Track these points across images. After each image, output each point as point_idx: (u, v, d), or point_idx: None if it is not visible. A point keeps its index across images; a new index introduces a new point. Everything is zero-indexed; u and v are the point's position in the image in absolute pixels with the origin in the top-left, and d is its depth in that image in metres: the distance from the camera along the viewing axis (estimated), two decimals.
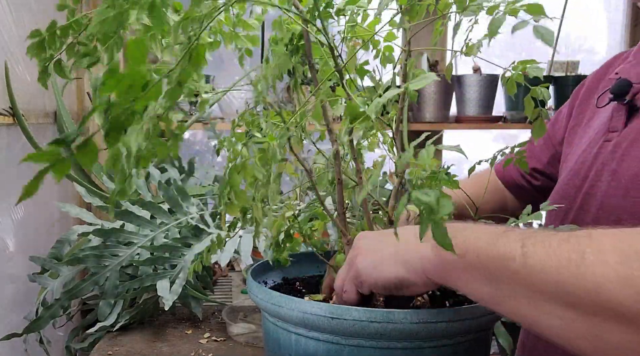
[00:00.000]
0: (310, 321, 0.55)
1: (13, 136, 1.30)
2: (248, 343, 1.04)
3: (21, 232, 1.33)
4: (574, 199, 0.70)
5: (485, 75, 1.97)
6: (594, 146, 0.70)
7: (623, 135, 0.65)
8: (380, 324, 0.52)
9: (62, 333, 1.30)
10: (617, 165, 0.64)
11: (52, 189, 1.52)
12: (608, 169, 0.65)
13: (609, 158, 0.66)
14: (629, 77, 0.69)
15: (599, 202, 0.65)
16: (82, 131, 0.31)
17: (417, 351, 0.54)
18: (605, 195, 0.65)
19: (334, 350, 0.55)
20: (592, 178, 0.68)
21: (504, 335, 1.14)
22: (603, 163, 0.67)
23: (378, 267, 0.54)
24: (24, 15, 1.35)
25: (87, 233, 1.18)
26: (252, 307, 1.14)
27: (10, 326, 1.11)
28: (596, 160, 0.68)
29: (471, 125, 2.01)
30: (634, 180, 0.61)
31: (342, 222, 0.64)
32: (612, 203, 0.63)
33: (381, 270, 0.54)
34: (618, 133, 0.67)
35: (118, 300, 1.08)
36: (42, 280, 1.11)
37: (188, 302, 1.12)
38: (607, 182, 0.65)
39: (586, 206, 0.67)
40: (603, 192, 0.65)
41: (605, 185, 0.65)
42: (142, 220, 1.12)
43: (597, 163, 0.68)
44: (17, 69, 1.30)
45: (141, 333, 1.09)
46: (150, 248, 1.08)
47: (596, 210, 0.65)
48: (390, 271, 0.53)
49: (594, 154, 0.69)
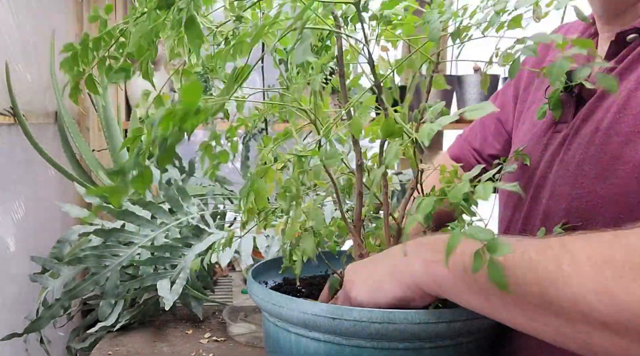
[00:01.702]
0: (311, 322, 0.55)
1: (14, 136, 1.30)
2: (248, 343, 1.04)
3: (22, 231, 1.33)
4: (524, 189, 0.71)
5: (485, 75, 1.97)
6: (542, 136, 0.71)
7: (572, 125, 0.66)
8: (381, 325, 0.52)
9: (62, 333, 1.30)
10: (564, 155, 0.65)
11: (53, 189, 1.52)
12: (557, 160, 0.66)
13: (557, 149, 0.67)
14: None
15: (550, 191, 0.66)
16: (84, 133, 0.31)
17: (417, 352, 0.54)
18: (554, 184, 0.66)
19: (335, 350, 0.55)
20: (543, 171, 0.68)
21: None
22: (552, 154, 0.68)
23: (375, 293, 0.55)
24: (25, 16, 1.35)
25: (87, 233, 1.18)
26: (252, 307, 1.14)
27: (10, 326, 1.11)
28: (546, 151, 0.69)
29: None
30: (579, 166, 0.62)
31: (358, 233, 0.64)
32: (561, 192, 0.64)
33: (378, 295, 0.54)
34: (567, 124, 0.67)
35: (118, 300, 1.09)
36: (42, 280, 1.11)
37: (188, 302, 1.12)
38: (555, 171, 0.66)
39: (538, 197, 0.68)
40: (552, 181, 0.66)
41: (554, 174, 0.66)
42: (143, 220, 1.12)
43: (547, 155, 0.69)
44: (18, 69, 1.30)
45: (142, 333, 1.09)
46: (151, 248, 1.08)
47: (547, 198, 0.66)
48: (387, 294, 0.54)
49: (543, 145, 0.70)
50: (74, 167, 1.53)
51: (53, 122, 1.53)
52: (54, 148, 1.49)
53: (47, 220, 1.49)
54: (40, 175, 1.45)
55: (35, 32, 1.41)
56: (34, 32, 1.39)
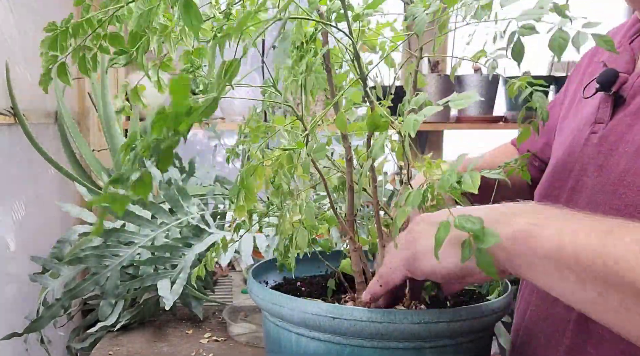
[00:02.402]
0: (311, 321, 0.55)
1: (14, 136, 1.30)
2: (249, 343, 1.04)
3: (22, 231, 1.33)
4: (559, 194, 0.69)
5: (486, 76, 1.97)
6: (580, 138, 0.68)
7: (609, 127, 0.64)
8: (382, 324, 0.52)
9: (62, 332, 1.30)
10: (604, 160, 0.63)
11: (53, 189, 1.52)
12: (594, 163, 0.64)
13: (594, 151, 0.65)
14: (616, 66, 0.67)
15: (587, 198, 0.64)
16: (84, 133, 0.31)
17: (417, 352, 0.54)
18: (592, 191, 0.63)
19: (335, 350, 0.55)
20: (578, 173, 0.66)
21: (505, 334, 1.14)
22: (589, 157, 0.65)
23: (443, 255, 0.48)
24: (25, 16, 1.35)
25: (88, 233, 1.18)
26: (252, 307, 1.14)
27: (11, 326, 1.11)
28: (582, 153, 0.67)
29: (472, 126, 2.01)
30: (622, 176, 0.60)
31: (351, 228, 0.64)
32: (599, 200, 0.62)
33: (442, 257, 0.48)
34: (604, 125, 0.65)
35: (119, 299, 1.09)
36: (43, 280, 1.11)
37: (189, 302, 1.12)
38: (593, 177, 0.64)
39: (573, 203, 0.66)
40: (590, 187, 0.64)
41: (592, 180, 0.64)
42: (143, 220, 1.12)
43: (583, 157, 0.66)
44: (18, 69, 1.30)
45: (142, 333, 1.09)
46: (151, 248, 1.08)
47: (584, 206, 0.64)
48: (452, 260, 0.49)
49: (580, 146, 0.68)
50: (74, 167, 1.53)
51: (53, 121, 1.53)
52: (54, 148, 1.49)
53: (47, 220, 1.49)
54: (41, 175, 1.45)
55: (36, 32, 1.40)
56: (34, 32, 1.39)
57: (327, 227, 0.70)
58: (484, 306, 0.56)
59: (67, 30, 0.52)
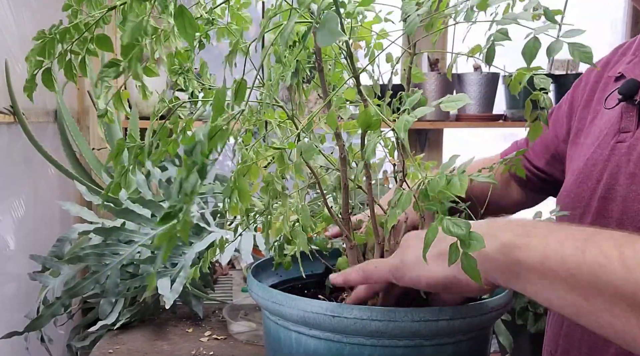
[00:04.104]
0: (311, 320, 0.55)
1: (14, 135, 1.30)
2: (249, 342, 1.04)
3: (22, 230, 1.33)
4: (588, 203, 0.69)
5: (485, 74, 1.97)
6: (604, 148, 0.69)
7: (637, 136, 0.65)
8: (382, 322, 0.52)
9: (63, 331, 1.30)
10: (635, 168, 0.64)
11: (53, 187, 1.52)
12: (625, 172, 0.65)
13: (624, 160, 0.65)
14: (636, 77, 0.68)
15: (621, 206, 0.64)
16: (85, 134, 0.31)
17: (418, 350, 0.54)
18: (626, 199, 0.64)
19: (335, 348, 0.55)
20: (608, 182, 0.67)
21: (504, 333, 1.14)
22: (618, 165, 0.66)
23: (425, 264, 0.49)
24: (25, 15, 1.35)
25: (87, 231, 1.18)
26: (252, 305, 1.14)
27: (11, 325, 1.11)
28: (609, 162, 0.67)
29: (471, 124, 2.01)
30: None
31: (347, 226, 0.64)
32: (634, 208, 0.62)
33: (429, 267, 0.50)
34: (631, 133, 0.66)
35: (119, 298, 1.09)
36: (43, 279, 1.11)
37: (189, 300, 1.12)
38: (626, 185, 0.64)
39: (606, 211, 0.66)
40: (623, 196, 0.64)
41: (625, 188, 0.64)
42: (143, 218, 1.12)
43: (611, 165, 0.67)
44: (18, 68, 1.30)
45: (142, 331, 1.09)
46: (151, 247, 1.08)
47: (619, 215, 0.64)
48: (438, 269, 0.50)
49: (605, 156, 0.68)
50: (74, 166, 1.53)
51: (53, 120, 1.53)
52: (54, 147, 1.49)
53: (47, 219, 1.49)
54: (40, 174, 1.45)
55: (35, 31, 1.40)
56: (33, 32, 1.39)
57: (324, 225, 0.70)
58: (484, 304, 0.56)
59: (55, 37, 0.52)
